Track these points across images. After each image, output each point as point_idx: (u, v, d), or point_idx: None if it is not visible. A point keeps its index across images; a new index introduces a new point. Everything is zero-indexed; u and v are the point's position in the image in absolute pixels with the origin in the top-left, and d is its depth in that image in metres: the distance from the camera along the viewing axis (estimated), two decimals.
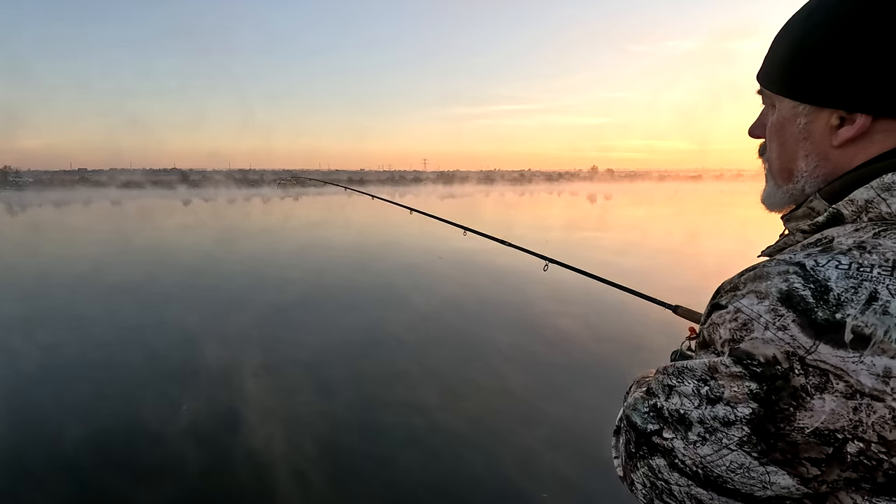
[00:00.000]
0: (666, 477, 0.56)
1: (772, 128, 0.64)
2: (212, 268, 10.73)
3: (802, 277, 0.49)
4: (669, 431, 0.56)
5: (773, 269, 0.52)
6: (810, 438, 0.46)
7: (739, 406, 0.50)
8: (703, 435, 0.52)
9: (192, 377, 4.60)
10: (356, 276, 9.42)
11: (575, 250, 12.51)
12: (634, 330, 5.68)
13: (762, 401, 0.48)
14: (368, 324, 6.32)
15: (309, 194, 50.33)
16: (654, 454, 0.57)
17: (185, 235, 17.33)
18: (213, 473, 3.19)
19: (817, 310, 0.46)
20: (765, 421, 0.48)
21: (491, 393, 4.29)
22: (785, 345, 0.47)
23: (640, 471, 0.60)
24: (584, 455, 3.28)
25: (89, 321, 6.59)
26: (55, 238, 16.84)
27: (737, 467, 0.51)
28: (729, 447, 0.51)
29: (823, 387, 0.45)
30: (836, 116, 0.56)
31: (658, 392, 0.59)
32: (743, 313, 0.51)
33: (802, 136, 0.59)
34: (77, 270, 10.40)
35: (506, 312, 6.81)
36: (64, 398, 4.22)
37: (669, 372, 0.58)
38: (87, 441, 3.51)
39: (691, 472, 0.54)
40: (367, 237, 15.38)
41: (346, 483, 3.10)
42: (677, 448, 0.55)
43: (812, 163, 0.59)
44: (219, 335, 5.71)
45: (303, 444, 3.47)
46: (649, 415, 0.59)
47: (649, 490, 0.59)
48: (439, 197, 41.57)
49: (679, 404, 0.55)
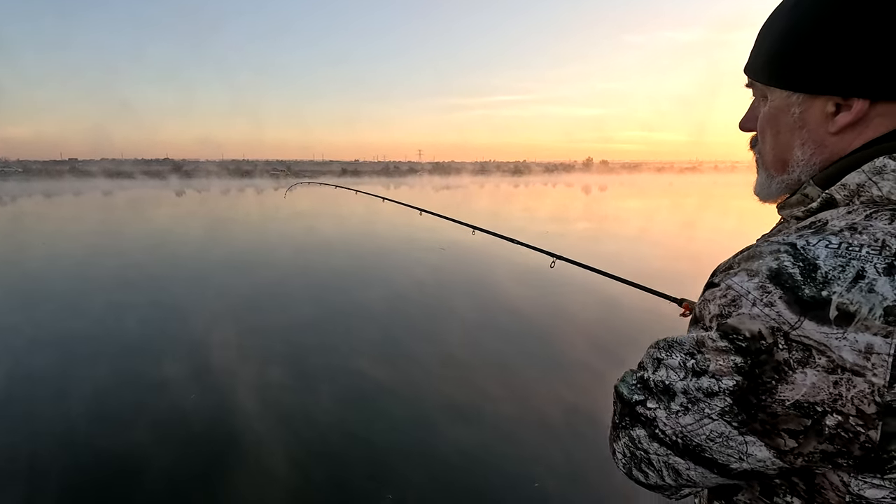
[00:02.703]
0: (645, 447, 0.59)
1: (764, 119, 0.64)
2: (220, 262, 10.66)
3: (792, 256, 0.50)
4: (653, 401, 0.58)
5: (766, 249, 0.53)
6: (790, 410, 0.48)
7: (724, 378, 0.51)
8: (685, 405, 0.54)
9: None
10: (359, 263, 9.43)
11: (577, 243, 12.54)
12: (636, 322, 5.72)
13: (746, 374, 0.50)
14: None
15: (303, 185, 49.97)
16: (636, 424, 0.60)
17: (188, 231, 17.19)
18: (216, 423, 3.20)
19: (804, 287, 0.48)
20: (747, 393, 0.50)
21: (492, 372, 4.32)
22: (770, 320, 0.48)
23: (621, 441, 0.62)
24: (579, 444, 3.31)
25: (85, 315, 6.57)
26: (57, 230, 16.67)
27: (716, 436, 0.53)
28: (710, 416, 0.53)
29: (806, 361, 0.47)
30: (831, 103, 0.56)
31: (647, 365, 0.61)
32: (733, 290, 0.53)
33: (797, 125, 0.59)
34: (68, 264, 10.31)
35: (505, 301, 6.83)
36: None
37: (660, 346, 0.60)
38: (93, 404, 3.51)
39: (671, 441, 0.56)
40: (366, 230, 15.33)
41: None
42: (659, 417, 0.57)
43: (808, 151, 0.59)
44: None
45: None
46: (636, 386, 0.61)
47: (629, 460, 0.61)
48: (434, 188, 41.47)
49: (665, 376, 0.57)
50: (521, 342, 5.40)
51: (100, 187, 42.73)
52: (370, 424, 3.64)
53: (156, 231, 15.59)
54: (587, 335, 5.47)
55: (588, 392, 4.08)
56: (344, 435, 3.50)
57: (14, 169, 63.73)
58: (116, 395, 4.20)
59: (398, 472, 3.09)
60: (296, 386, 4.27)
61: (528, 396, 4.08)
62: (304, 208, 16.25)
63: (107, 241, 13.40)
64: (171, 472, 3.07)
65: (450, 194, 34.37)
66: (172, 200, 30.67)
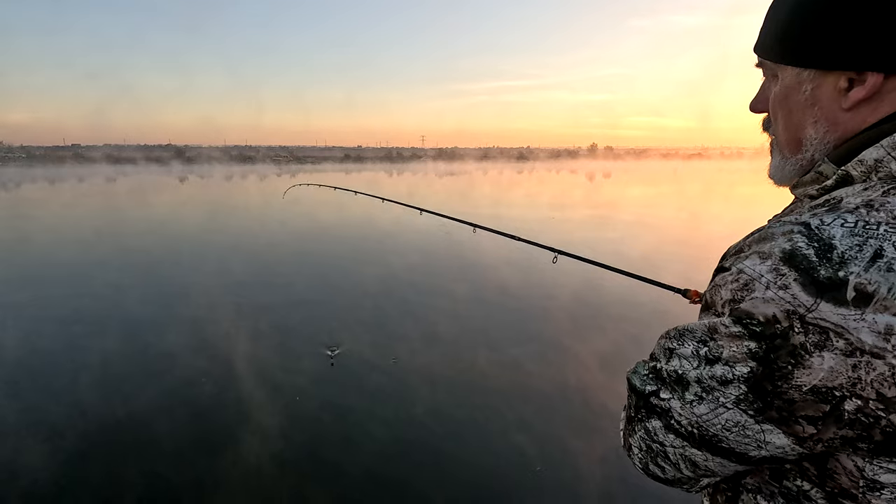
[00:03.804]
0: (661, 439, 0.57)
1: (775, 99, 0.62)
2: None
3: (806, 237, 0.48)
4: (667, 392, 0.56)
5: (778, 230, 0.51)
6: (807, 396, 0.46)
7: (738, 365, 0.50)
8: (699, 394, 0.53)
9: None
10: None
11: (580, 232, 12.51)
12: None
13: (760, 360, 0.48)
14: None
15: (305, 171, 49.92)
16: (651, 416, 0.58)
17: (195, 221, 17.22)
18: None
19: (820, 268, 0.46)
20: (762, 379, 0.48)
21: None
22: (785, 303, 0.47)
23: (636, 434, 0.60)
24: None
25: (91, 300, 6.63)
26: (62, 217, 16.74)
27: (732, 426, 0.51)
28: (725, 405, 0.51)
29: (823, 345, 0.45)
30: (844, 79, 0.54)
31: (659, 356, 0.59)
32: (745, 274, 0.51)
33: (809, 102, 0.58)
34: (72, 254, 10.38)
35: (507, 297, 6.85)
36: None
37: (671, 335, 0.58)
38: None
39: (687, 432, 0.55)
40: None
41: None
42: (674, 408, 0.55)
43: (822, 129, 0.58)
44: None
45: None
46: (648, 377, 0.59)
47: (645, 454, 0.60)
48: (438, 175, 41.30)
49: (678, 365, 0.55)
50: (519, 330, 5.43)
51: (103, 173, 42.80)
52: (385, 417, 3.69)
53: (162, 217, 15.64)
54: (591, 327, 5.49)
55: (587, 380, 4.11)
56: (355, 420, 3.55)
57: (18, 155, 63.82)
58: (125, 362, 4.39)
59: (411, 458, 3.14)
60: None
61: (528, 382, 4.12)
62: (305, 204, 16.17)
63: (112, 228, 13.46)
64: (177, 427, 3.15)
65: (453, 181, 34.24)
66: (176, 187, 30.69)
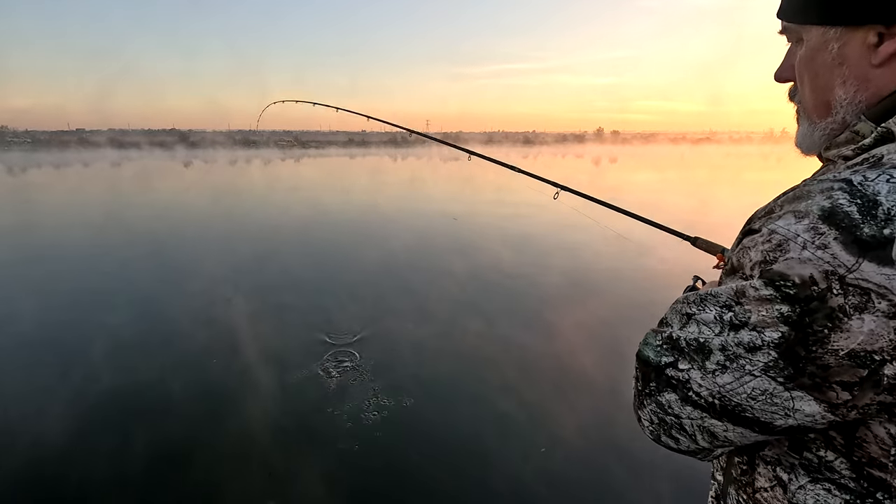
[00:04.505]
0: (676, 411, 0.55)
1: (801, 63, 0.61)
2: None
3: (848, 193, 0.46)
4: (685, 362, 0.53)
5: (816, 188, 0.49)
6: (844, 361, 0.44)
7: (767, 331, 0.47)
8: (723, 363, 0.50)
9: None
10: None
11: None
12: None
13: (794, 324, 0.46)
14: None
15: (310, 155, 49.72)
16: (665, 389, 0.55)
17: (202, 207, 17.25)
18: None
19: (863, 226, 0.44)
20: (794, 345, 0.46)
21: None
22: (824, 264, 0.44)
23: (647, 408, 0.58)
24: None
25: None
26: (69, 201, 16.81)
27: (759, 394, 0.49)
28: (752, 373, 0.49)
29: (864, 306, 0.43)
30: (873, 34, 0.53)
31: (672, 321, 0.56)
32: (778, 234, 0.48)
33: (837, 62, 0.56)
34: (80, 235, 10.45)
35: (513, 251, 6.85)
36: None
37: (690, 300, 0.55)
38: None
39: (707, 403, 0.52)
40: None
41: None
42: (693, 378, 0.53)
43: (851, 89, 0.56)
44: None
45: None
46: (662, 347, 0.56)
47: (657, 427, 0.58)
48: (442, 159, 41.03)
49: (697, 332, 0.53)
50: (525, 305, 5.44)
51: (108, 158, 42.79)
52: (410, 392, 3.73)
53: (171, 201, 15.68)
54: (601, 301, 5.50)
55: (592, 358, 4.13)
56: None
57: (23, 140, 63.87)
58: (133, 332, 4.55)
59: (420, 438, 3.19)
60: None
61: (532, 361, 4.14)
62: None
63: (120, 212, 13.51)
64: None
65: (457, 166, 33.99)
66: (181, 171, 30.68)
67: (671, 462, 2.70)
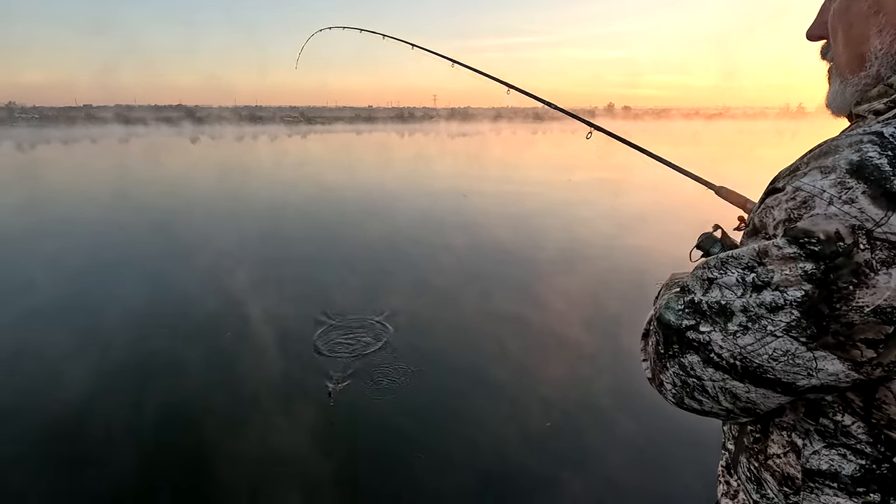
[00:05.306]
0: (699, 373, 0.54)
1: (835, 15, 0.59)
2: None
3: (879, 146, 0.44)
4: (707, 325, 0.53)
5: (844, 142, 0.47)
6: (869, 318, 0.43)
7: (790, 289, 0.46)
8: (744, 324, 0.49)
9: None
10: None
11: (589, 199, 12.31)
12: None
13: (818, 281, 0.45)
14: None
15: (316, 132, 49.35)
16: (687, 351, 0.55)
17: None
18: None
19: (893, 179, 0.42)
20: (818, 303, 0.45)
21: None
22: (851, 218, 0.43)
23: (669, 370, 0.57)
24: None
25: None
26: (78, 177, 16.90)
27: (780, 355, 0.48)
28: (773, 334, 0.48)
29: (891, 261, 0.42)
30: None
31: (695, 287, 0.56)
32: (803, 191, 0.47)
33: (873, 10, 0.54)
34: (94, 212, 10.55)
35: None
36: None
37: (710, 265, 0.54)
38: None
39: (728, 364, 0.51)
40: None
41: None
42: (714, 340, 0.52)
43: (888, 38, 0.53)
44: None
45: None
46: (685, 311, 0.55)
47: (679, 389, 0.57)
48: (450, 136, 40.57)
49: (720, 296, 0.52)
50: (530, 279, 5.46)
51: (115, 134, 42.85)
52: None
53: (184, 177, 15.72)
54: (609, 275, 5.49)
55: (595, 333, 4.16)
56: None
57: (31, 115, 63.96)
58: (144, 300, 4.76)
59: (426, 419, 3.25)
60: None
61: (536, 331, 4.18)
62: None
63: (130, 188, 13.60)
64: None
65: (465, 142, 33.59)
66: (189, 147, 30.64)
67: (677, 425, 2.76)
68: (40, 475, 2.55)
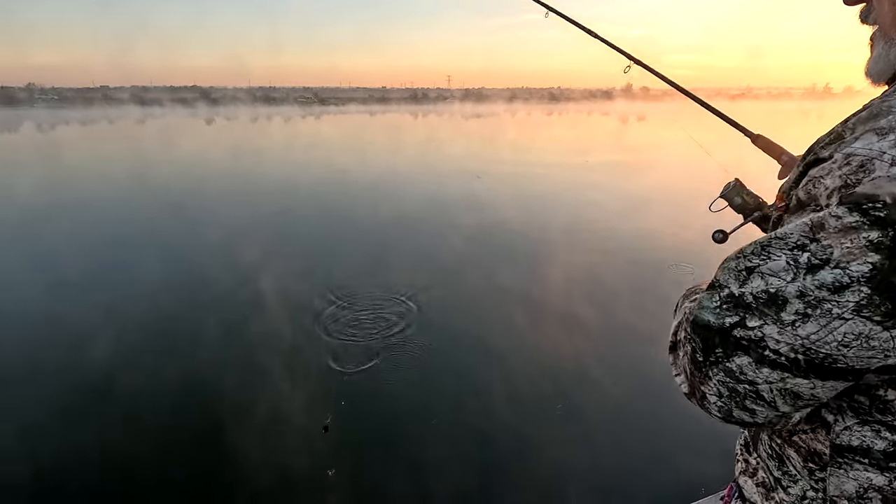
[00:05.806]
0: (751, 376, 0.47)
1: None
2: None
3: None
4: (755, 318, 0.46)
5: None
6: None
7: (854, 264, 0.41)
8: (803, 311, 0.43)
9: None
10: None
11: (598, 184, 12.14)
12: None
13: (887, 250, 0.40)
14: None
15: (330, 113, 49.25)
16: (735, 353, 0.47)
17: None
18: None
19: None
20: (890, 274, 0.40)
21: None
22: None
23: (713, 380, 0.49)
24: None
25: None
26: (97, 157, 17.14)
27: (852, 339, 0.42)
28: (842, 317, 0.42)
29: None
30: None
31: (728, 282, 0.49)
32: (857, 155, 0.43)
33: None
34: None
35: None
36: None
37: (746, 252, 0.48)
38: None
39: (788, 360, 0.45)
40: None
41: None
42: (768, 335, 0.45)
43: None
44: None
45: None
46: (723, 308, 0.48)
47: (727, 400, 0.49)
48: (464, 117, 40.14)
49: (765, 284, 0.45)
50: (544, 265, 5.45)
51: (132, 115, 43.26)
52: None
53: (200, 158, 15.87)
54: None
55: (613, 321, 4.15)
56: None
57: (50, 96, 64.85)
58: (162, 276, 5.12)
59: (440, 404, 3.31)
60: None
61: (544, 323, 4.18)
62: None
63: (150, 169, 13.79)
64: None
65: (480, 123, 33.22)
66: (204, 129, 30.83)
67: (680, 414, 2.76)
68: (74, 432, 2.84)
